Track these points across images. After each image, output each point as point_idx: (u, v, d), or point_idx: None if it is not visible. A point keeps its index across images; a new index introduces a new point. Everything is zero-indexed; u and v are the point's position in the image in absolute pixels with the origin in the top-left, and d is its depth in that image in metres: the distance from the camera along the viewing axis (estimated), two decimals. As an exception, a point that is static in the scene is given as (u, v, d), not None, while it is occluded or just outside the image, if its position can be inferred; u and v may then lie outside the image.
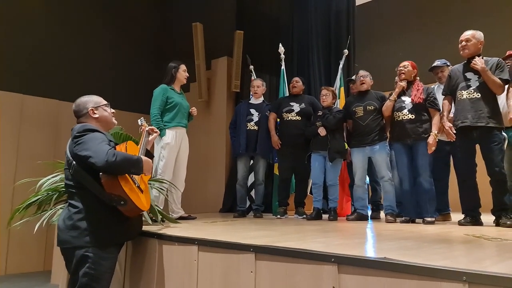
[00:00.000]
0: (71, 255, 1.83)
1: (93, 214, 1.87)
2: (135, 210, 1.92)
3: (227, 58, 5.67)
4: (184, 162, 3.61)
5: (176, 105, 3.52)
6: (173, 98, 3.52)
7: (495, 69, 2.93)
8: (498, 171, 2.86)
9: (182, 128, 3.59)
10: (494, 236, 2.17)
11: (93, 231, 1.84)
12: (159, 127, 3.40)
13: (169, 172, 3.43)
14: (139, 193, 1.99)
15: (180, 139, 3.55)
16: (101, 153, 1.78)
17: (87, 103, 2.07)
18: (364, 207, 3.65)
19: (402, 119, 3.30)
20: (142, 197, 2.00)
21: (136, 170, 1.92)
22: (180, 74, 3.64)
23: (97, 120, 2.06)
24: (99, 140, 1.86)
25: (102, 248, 1.86)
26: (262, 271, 1.63)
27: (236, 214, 4.07)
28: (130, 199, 1.85)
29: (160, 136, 3.41)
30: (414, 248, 1.67)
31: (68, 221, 1.86)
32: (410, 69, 3.39)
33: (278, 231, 2.43)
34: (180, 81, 3.66)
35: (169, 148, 3.44)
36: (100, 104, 2.10)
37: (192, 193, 5.25)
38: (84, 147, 1.83)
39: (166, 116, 3.50)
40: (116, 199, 1.83)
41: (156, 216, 2.75)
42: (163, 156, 3.41)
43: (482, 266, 1.21)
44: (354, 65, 5.07)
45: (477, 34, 3.05)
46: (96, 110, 2.06)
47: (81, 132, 1.90)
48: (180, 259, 2.01)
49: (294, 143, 3.95)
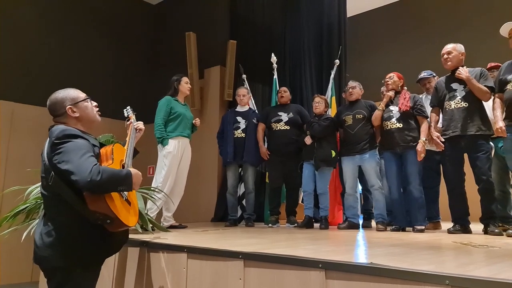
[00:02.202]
0: (52, 274, 1.66)
1: (75, 232, 1.65)
2: (121, 227, 1.69)
3: (220, 67, 5.71)
4: (185, 171, 3.69)
5: (179, 116, 3.61)
6: (176, 109, 3.62)
7: (479, 77, 3.01)
8: (485, 180, 2.90)
9: (185, 138, 3.67)
10: (482, 243, 2.20)
11: (75, 251, 1.64)
12: (162, 137, 3.51)
13: (171, 181, 3.49)
14: (127, 206, 1.75)
15: (183, 149, 3.62)
16: (83, 170, 1.52)
17: (63, 100, 1.76)
18: (355, 215, 3.67)
19: (390, 128, 3.34)
20: (131, 211, 1.77)
21: (125, 187, 1.65)
22: (182, 86, 3.76)
23: (78, 120, 1.77)
24: (82, 151, 1.59)
25: (85, 268, 1.67)
26: (251, 278, 1.63)
27: (227, 223, 4.05)
28: (117, 218, 1.61)
29: (163, 145, 3.51)
30: (402, 254, 1.68)
31: (46, 237, 1.62)
32: (396, 80, 3.46)
33: (269, 239, 2.43)
34: (183, 93, 3.79)
35: (171, 157, 3.49)
36: (78, 100, 1.78)
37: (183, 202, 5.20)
38: (64, 158, 1.57)
39: (169, 126, 3.59)
40: (101, 218, 1.59)
41: (146, 225, 2.74)
42: (164, 165, 3.48)
43: (466, 271, 1.22)
44: (345, 75, 5.14)
45: (457, 46, 3.14)
46: (75, 108, 1.76)
47: (61, 138, 1.62)
48: (169, 267, 2.00)
49: (284, 152, 3.97)
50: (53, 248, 1.62)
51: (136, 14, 6.82)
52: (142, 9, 6.96)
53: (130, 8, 6.74)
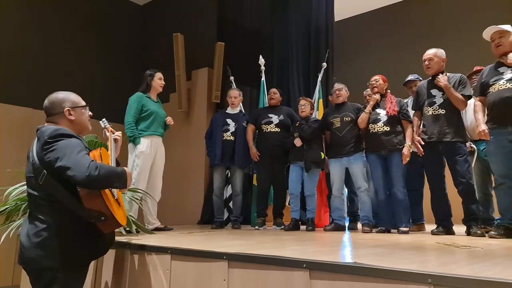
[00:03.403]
0: (38, 275, 1.63)
1: (64, 231, 1.64)
2: (114, 226, 1.71)
3: (208, 69, 5.69)
4: (160, 172, 3.55)
5: (151, 114, 3.46)
6: (148, 106, 3.46)
7: (457, 85, 3.06)
8: (465, 182, 2.94)
9: (158, 137, 3.52)
10: (464, 244, 2.23)
11: (65, 251, 1.63)
12: (134, 135, 3.34)
13: (143, 182, 3.34)
14: (117, 207, 1.77)
15: (156, 148, 3.48)
16: (81, 165, 1.54)
17: (63, 101, 1.80)
18: (342, 217, 3.69)
19: (377, 131, 3.38)
20: (120, 211, 1.80)
21: (120, 184, 1.68)
22: (156, 82, 3.57)
23: (72, 123, 1.79)
24: (78, 149, 1.61)
25: (73, 269, 1.67)
26: (235, 278, 1.61)
27: (213, 225, 4.02)
28: (112, 215, 1.64)
29: (135, 144, 3.35)
30: (386, 254, 1.69)
31: (34, 238, 1.61)
32: (381, 83, 3.50)
33: (254, 241, 2.41)
34: (156, 90, 3.61)
35: (144, 157, 3.36)
36: (79, 105, 1.83)
37: (169, 205, 5.17)
38: (59, 155, 1.58)
39: (142, 124, 3.43)
40: (95, 215, 1.60)
41: (130, 227, 2.69)
42: (136, 165, 3.32)
43: (448, 269, 1.23)
44: (333, 78, 5.19)
45: (438, 52, 3.19)
46: (73, 112, 1.79)
47: (54, 137, 1.62)
48: (152, 269, 1.97)
49: (273, 154, 3.97)
50: (42, 248, 1.60)
51: (122, 15, 6.75)
52: (129, 10, 6.90)
53: (117, 9, 6.67)
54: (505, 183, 2.69)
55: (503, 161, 2.69)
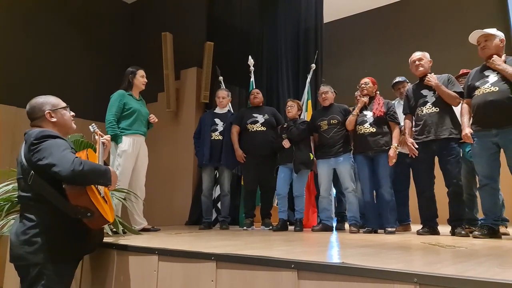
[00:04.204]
0: (26, 271, 1.70)
1: (51, 229, 1.73)
2: (101, 222, 1.78)
3: (197, 68, 5.66)
4: (143, 171, 3.47)
5: (134, 112, 3.37)
6: (131, 104, 3.37)
7: (447, 83, 3.14)
8: (455, 183, 3.00)
9: (141, 136, 3.43)
10: (449, 244, 2.26)
11: (50, 247, 1.70)
12: (115, 134, 3.24)
13: (125, 181, 3.26)
14: (104, 204, 1.85)
15: (138, 147, 3.39)
16: (66, 161, 1.62)
17: (43, 105, 1.89)
18: (329, 218, 3.71)
19: (364, 132, 3.41)
20: (107, 208, 1.87)
21: (104, 181, 1.77)
22: (138, 80, 3.47)
23: (55, 125, 1.89)
24: (62, 147, 1.70)
25: (59, 265, 1.73)
26: (223, 279, 1.60)
27: (201, 226, 4.00)
28: (98, 211, 1.71)
29: (117, 143, 3.26)
30: (372, 254, 1.71)
31: (22, 235, 1.70)
32: (371, 85, 3.54)
33: (242, 241, 2.41)
34: (138, 87, 3.51)
35: (126, 156, 3.27)
36: (58, 107, 1.92)
37: (157, 205, 5.12)
38: (45, 154, 1.66)
39: (124, 123, 3.33)
40: (82, 211, 1.68)
41: (117, 228, 2.66)
42: (119, 164, 3.23)
43: (433, 269, 1.25)
44: (321, 79, 5.21)
45: (426, 54, 3.28)
46: (53, 114, 1.89)
47: (40, 138, 1.71)
48: (139, 270, 1.94)
49: (260, 154, 3.97)
50: (29, 245, 1.69)
51: (111, 13, 6.67)
52: (117, 8, 6.82)
53: (105, 7, 6.59)
54: (489, 184, 2.74)
55: (487, 162, 2.75)
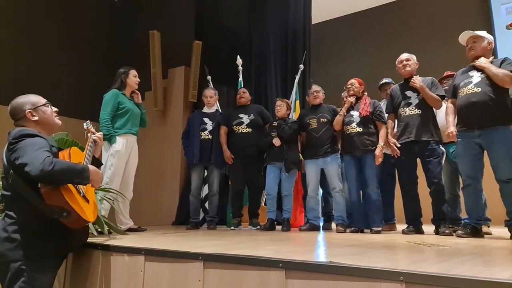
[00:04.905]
0: (6, 268, 1.71)
1: (30, 226, 1.75)
2: (79, 222, 1.77)
3: (185, 67, 5.62)
4: (133, 171, 3.48)
5: (127, 111, 3.38)
6: (124, 103, 3.38)
7: (430, 86, 3.21)
8: (437, 183, 3.07)
9: (133, 136, 3.45)
10: (433, 243, 2.31)
11: (30, 244, 1.72)
12: (110, 134, 3.25)
13: (117, 181, 3.27)
14: (84, 203, 1.84)
15: (131, 147, 3.41)
16: (36, 160, 1.61)
17: (23, 104, 1.88)
18: (317, 217, 3.73)
19: (351, 132, 3.45)
20: (88, 208, 1.86)
21: (81, 180, 1.75)
22: (131, 79, 3.50)
23: (37, 123, 1.89)
24: (37, 146, 1.68)
25: (39, 261, 1.73)
26: (210, 279, 1.59)
27: (189, 226, 3.97)
28: (74, 210, 1.71)
29: (110, 143, 3.26)
30: (359, 253, 1.72)
31: (2, 233, 1.73)
32: (357, 86, 3.58)
33: (230, 241, 2.40)
34: (130, 87, 3.52)
35: (119, 156, 3.28)
36: (38, 105, 1.91)
37: (144, 205, 5.06)
38: (20, 154, 1.66)
39: (117, 122, 3.34)
40: (57, 211, 1.68)
41: (102, 228, 2.62)
42: (111, 164, 3.23)
43: (418, 267, 1.27)
44: (309, 80, 5.25)
45: (413, 56, 3.36)
46: (34, 112, 1.88)
47: (17, 138, 1.72)
48: (125, 271, 1.91)
49: (246, 155, 3.96)
50: (9, 242, 1.71)
51: (98, 10, 6.55)
52: (104, 5, 6.71)
53: (91, 3, 6.47)
54: (472, 184, 2.80)
55: (470, 162, 2.81)
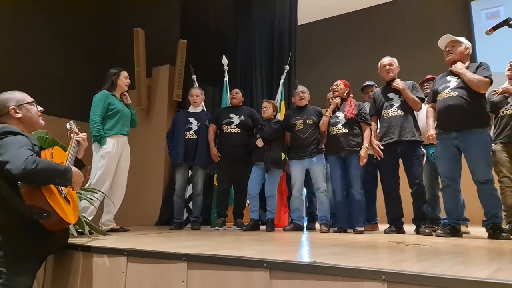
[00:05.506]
0: None
1: (8, 227, 1.71)
2: (59, 224, 1.73)
3: (169, 66, 5.56)
4: (124, 172, 3.46)
5: (118, 112, 3.37)
6: (115, 104, 3.37)
7: (411, 89, 3.31)
8: (418, 183, 3.15)
9: (124, 136, 3.44)
10: (414, 242, 2.36)
11: (8, 245, 1.69)
12: (100, 135, 3.24)
13: (107, 183, 3.24)
14: (66, 204, 1.80)
15: (121, 148, 3.39)
16: (18, 159, 1.57)
17: (7, 101, 1.84)
18: (301, 218, 3.75)
19: (336, 133, 3.49)
20: (69, 209, 1.82)
21: (63, 181, 1.71)
22: (121, 80, 3.50)
23: (20, 121, 1.85)
24: (20, 144, 1.65)
25: (17, 263, 1.69)
26: (194, 280, 1.58)
27: (172, 226, 3.93)
28: (55, 212, 1.67)
29: (101, 144, 3.24)
30: (342, 253, 1.74)
31: None
32: (342, 87, 3.62)
33: (214, 241, 2.39)
34: (121, 88, 3.52)
35: (109, 157, 3.25)
36: (23, 102, 1.88)
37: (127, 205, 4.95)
38: (1, 151, 1.62)
39: (108, 124, 3.33)
40: (37, 212, 1.64)
41: (83, 228, 2.57)
42: (101, 166, 3.21)
43: (400, 267, 1.30)
44: (295, 80, 5.28)
45: (395, 60, 3.44)
46: (18, 109, 1.85)
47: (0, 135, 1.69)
48: (106, 272, 1.88)
49: (233, 155, 3.96)
50: None
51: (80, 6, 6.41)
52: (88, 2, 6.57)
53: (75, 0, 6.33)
54: (450, 185, 2.87)
55: (449, 164, 2.88)
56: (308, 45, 7.36)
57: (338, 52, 7.55)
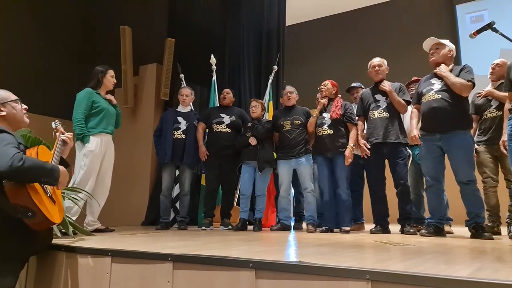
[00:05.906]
0: None
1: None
2: (44, 223, 1.70)
3: (157, 65, 5.51)
4: (109, 171, 3.39)
5: (102, 110, 3.30)
6: (99, 102, 3.30)
7: (398, 91, 3.36)
8: (403, 183, 3.20)
9: (108, 135, 3.37)
10: (399, 242, 2.39)
11: None
12: (83, 134, 3.17)
13: (91, 182, 3.17)
14: (51, 204, 1.77)
15: (105, 147, 3.32)
16: (5, 156, 1.56)
17: None
18: (288, 217, 3.76)
19: (322, 134, 3.51)
20: (54, 209, 1.79)
21: (49, 180, 1.70)
22: (107, 79, 3.43)
23: (4, 119, 1.85)
24: (5, 142, 1.64)
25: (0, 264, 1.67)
26: (180, 280, 1.57)
27: (159, 226, 3.90)
28: (40, 211, 1.64)
29: (83, 142, 3.17)
30: (329, 253, 1.76)
31: None
32: (329, 87, 3.64)
33: (201, 241, 2.38)
34: (106, 87, 3.45)
35: (93, 156, 3.18)
36: (7, 100, 1.88)
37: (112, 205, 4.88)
38: None
39: (91, 122, 3.26)
40: (22, 211, 1.61)
41: (66, 228, 2.52)
42: (84, 164, 3.14)
43: (384, 266, 1.31)
44: (283, 81, 5.29)
45: (384, 61, 3.49)
46: (3, 108, 1.85)
47: None
48: (89, 273, 1.85)
49: (222, 155, 3.95)
50: None
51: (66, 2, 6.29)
52: (73, -2, 6.46)
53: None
54: (434, 185, 2.92)
55: (432, 165, 2.93)
56: (296, 45, 7.40)
57: (326, 53, 7.61)
